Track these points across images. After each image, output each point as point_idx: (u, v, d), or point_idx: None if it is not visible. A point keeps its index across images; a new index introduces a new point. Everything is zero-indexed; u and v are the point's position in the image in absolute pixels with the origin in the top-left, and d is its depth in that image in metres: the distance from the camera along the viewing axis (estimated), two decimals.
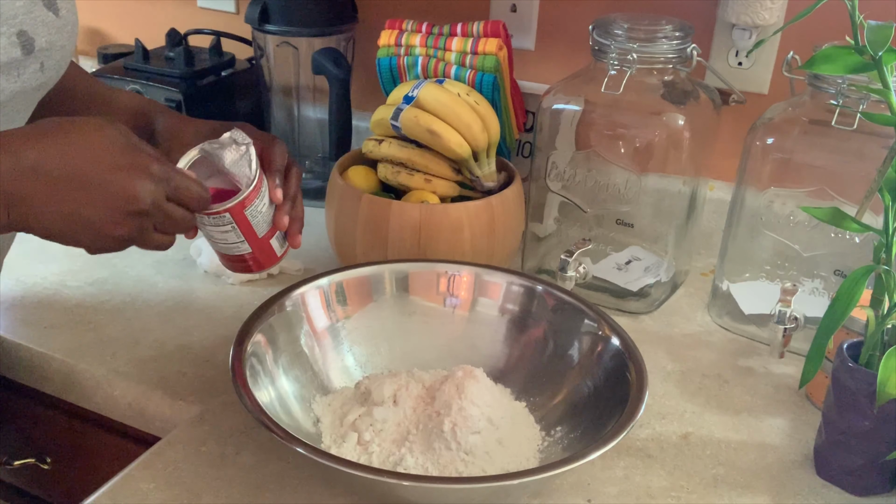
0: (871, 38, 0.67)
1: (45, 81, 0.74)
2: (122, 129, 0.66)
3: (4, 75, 0.68)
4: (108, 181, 0.63)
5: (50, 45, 0.72)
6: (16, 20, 0.68)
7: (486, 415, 0.73)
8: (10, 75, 0.69)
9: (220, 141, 0.72)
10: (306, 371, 0.80)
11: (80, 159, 0.62)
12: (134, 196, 0.63)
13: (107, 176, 0.63)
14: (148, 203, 0.64)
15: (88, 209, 0.63)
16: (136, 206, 0.64)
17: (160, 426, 0.84)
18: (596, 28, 0.97)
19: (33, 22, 0.70)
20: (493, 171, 1.02)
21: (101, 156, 0.63)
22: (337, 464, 0.63)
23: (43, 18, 0.71)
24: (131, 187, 0.63)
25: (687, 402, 0.87)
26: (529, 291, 0.86)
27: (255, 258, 0.77)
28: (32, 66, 0.71)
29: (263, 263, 0.78)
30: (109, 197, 0.63)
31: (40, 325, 0.94)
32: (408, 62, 1.08)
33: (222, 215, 0.72)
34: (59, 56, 0.75)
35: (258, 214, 0.74)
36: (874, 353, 0.73)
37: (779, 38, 1.09)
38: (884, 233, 0.71)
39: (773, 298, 0.87)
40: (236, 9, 1.41)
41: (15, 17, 0.68)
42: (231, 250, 0.75)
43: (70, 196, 0.62)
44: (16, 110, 0.74)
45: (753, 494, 0.75)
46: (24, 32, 0.69)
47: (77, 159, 0.62)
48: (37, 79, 0.73)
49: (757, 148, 0.92)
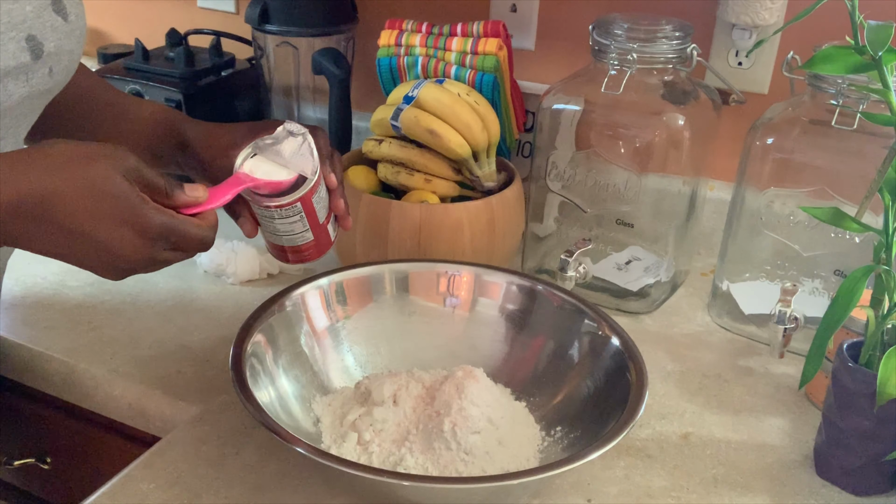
0: (871, 38, 0.67)
1: (52, 86, 0.74)
2: (128, 166, 0.63)
3: (13, 80, 0.68)
4: (105, 241, 0.62)
5: (59, 49, 0.72)
6: (25, 25, 0.68)
7: (486, 415, 0.73)
8: (19, 80, 0.69)
9: (274, 136, 0.72)
10: (306, 371, 0.80)
11: (80, 211, 0.61)
12: (126, 258, 0.64)
13: (104, 236, 0.62)
14: (141, 263, 0.65)
15: (85, 260, 0.64)
16: (131, 265, 0.65)
17: (160, 426, 0.84)
18: (596, 28, 0.97)
19: (42, 27, 0.70)
20: (493, 171, 1.02)
21: (100, 211, 0.62)
22: (337, 464, 0.63)
23: (52, 23, 0.71)
24: (125, 248, 0.63)
25: (687, 402, 0.87)
26: (529, 291, 0.86)
27: (317, 244, 0.77)
28: (41, 71, 0.71)
29: (322, 249, 0.79)
30: (106, 254, 0.63)
31: (40, 325, 0.94)
32: (408, 62, 1.08)
33: (294, 205, 0.72)
34: (67, 61, 0.74)
35: (321, 200, 0.75)
36: (874, 353, 0.73)
37: (779, 38, 1.09)
38: (884, 233, 0.71)
39: (773, 298, 0.87)
40: (236, 9, 1.41)
41: (24, 21, 0.68)
42: (295, 240, 0.76)
43: (67, 244, 0.63)
44: (23, 114, 0.74)
45: (753, 494, 0.75)
46: (33, 37, 0.69)
47: (76, 211, 0.61)
48: (45, 84, 0.72)
49: (757, 148, 0.92)
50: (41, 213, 0.60)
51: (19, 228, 0.61)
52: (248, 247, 1.04)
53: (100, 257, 0.64)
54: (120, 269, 0.65)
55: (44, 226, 0.61)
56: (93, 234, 0.62)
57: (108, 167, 0.62)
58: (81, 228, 0.61)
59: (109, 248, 0.63)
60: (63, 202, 0.61)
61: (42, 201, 0.60)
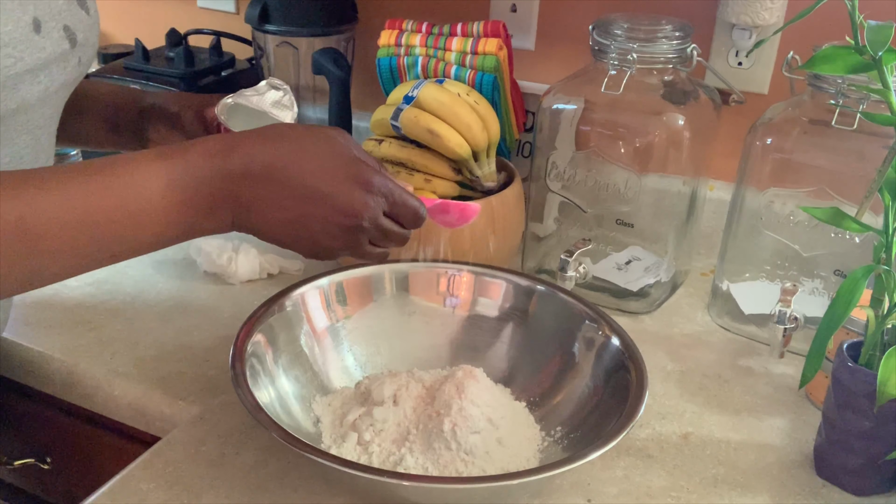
0: (871, 38, 0.67)
1: (79, 76, 0.77)
2: (348, 138, 0.69)
3: (56, 66, 0.71)
4: (334, 195, 0.66)
5: (85, 41, 0.75)
6: (61, 16, 0.72)
7: (486, 415, 0.73)
8: (60, 66, 0.72)
9: (256, 88, 0.75)
10: (306, 371, 0.80)
11: (311, 170, 0.66)
12: (355, 212, 0.67)
13: (333, 189, 0.66)
14: (367, 219, 0.67)
15: (311, 221, 0.66)
16: (356, 221, 0.67)
17: (160, 426, 0.84)
18: (596, 28, 0.97)
19: (73, 18, 0.73)
20: (493, 171, 1.02)
21: (329, 168, 0.66)
22: (337, 464, 0.63)
23: (78, 15, 0.74)
24: (355, 202, 0.67)
25: (687, 402, 0.87)
26: (529, 291, 0.86)
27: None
28: (74, 60, 0.74)
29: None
30: (333, 211, 0.66)
31: (40, 325, 0.94)
32: (408, 62, 1.08)
33: None
34: (91, 52, 0.78)
35: None
36: (874, 353, 0.73)
37: (779, 38, 1.09)
38: (884, 233, 0.71)
39: (773, 298, 0.87)
40: (236, 9, 1.41)
41: (60, 13, 0.71)
42: None
43: (295, 206, 0.65)
44: (60, 101, 0.77)
45: (753, 494, 0.75)
46: (68, 27, 0.72)
47: (307, 170, 0.65)
48: (75, 72, 0.75)
49: (757, 148, 0.92)
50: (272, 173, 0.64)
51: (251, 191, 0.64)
52: (248, 247, 1.04)
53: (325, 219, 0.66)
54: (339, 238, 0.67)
55: (274, 186, 0.64)
56: (321, 188, 0.65)
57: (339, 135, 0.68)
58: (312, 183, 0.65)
59: (336, 203, 0.66)
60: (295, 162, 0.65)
61: (273, 162, 0.64)
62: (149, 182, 0.62)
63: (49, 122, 0.76)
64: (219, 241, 1.04)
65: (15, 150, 0.72)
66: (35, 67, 0.68)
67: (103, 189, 0.60)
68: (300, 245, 0.68)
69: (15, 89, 0.67)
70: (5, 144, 0.70)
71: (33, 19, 0.67)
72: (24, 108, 0.69)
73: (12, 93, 0.67)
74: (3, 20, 0.64)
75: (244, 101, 0.75)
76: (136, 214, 0.62)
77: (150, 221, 0.62)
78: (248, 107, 0.75)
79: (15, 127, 0.70)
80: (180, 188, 0.63)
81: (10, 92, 0.66)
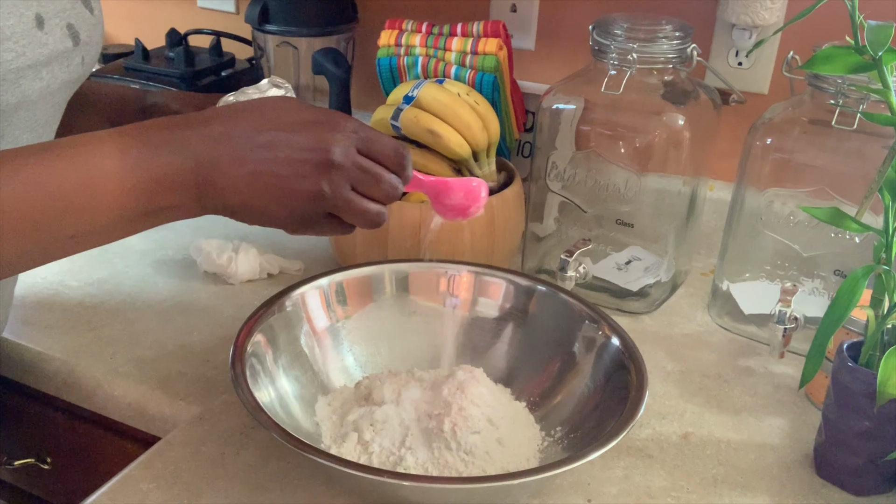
0: (871, 38, 0.67)
1: (81, 75, 0.77)
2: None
3: (58, 64, 0.71)
4: (294, 135, 0.62)
5: (89, 40, 0.76)
6: (65, 14, 0.72)
7: (486, 415, 0.73)
8: (62, 65, 0.72)
9: (258, 86, 0.74)
10: (306, 371, 0.80)
11: (269, 119, 0.63)
12: (321, 146, 0.62)
13: (293, 130, 0.63)
14: (336, 152, 0.62)
15: (277, 165, 0.62)
16: (325, 155, 0.62)
17: (160, 426, 0.84)
18: (596, 28, 0.97)
19: (77, 17, 0.74)
20: (493, 171, 1.02)
21: (287, 116, 0.64)
22: (337, 464, 0.63)
23: (82, 15, 0.75)
24: (319, 137, 0.63)
25: (687, 402, 0.87)
26: (529, 291, 0.86)
27: None
28: (77, 59, 0.74)
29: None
30: (297, 149, 0.62)
31: (40, 325, 0.94)
32: (408, 62, 1.08)
33: None
34: (94, 52, 0.78)
35: None
36: (874, 353, 0.73)
37: (779, 38, 1.09)
38: (884, 233, 0.71)
39: (773, 298, 0.87)
40: (236, 9, 1.41)
41: (64, 10, 0.72)
42: None
43: (257, 156, 0.62)
44: (63, 100, 0.77)
45: (753, 494, 0.75)
46: (71, 25, 0.72)
47: (266, 119, 0.63)
48: (78, 71, 0.75)
49: (757, 148, 0.92)
50: (230, 130, 0.62)
51: (210, 152, 0.61)
52: (248, 247, 1.04)
53: (290, 159, 0.62)
54: (311, 176, 0.62)
55: (233, 142, 0.62)
56: (281, 131, 0.62)
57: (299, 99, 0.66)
58: (270, 129, 0.62)
59: (298, 141, 0.62)
60: (252, 118, 0.63)
61: (231, 121, 0.63)
62: (104, 153, 0.60)
63: (51, 120, 0.76)
64: (219, 241, 1.04)
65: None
66: (37, 63, 0.68)
67: (55, 160, 0.59)
68: (272, 201, 0.63)
69: (16, 84, 0.67)
70: (9, 143, 0.70)
71: (36, 15, 0.68)
72: (25, 103, 0.69)
73: (13, 87, 0.67)
74: (6, 14, 0.65)
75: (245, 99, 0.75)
76: (90, 183, 0.59)
77: (106, 190, 0.59)
78: None
79: (18, 124, 0.70)
80: (134, 156, 0.60)
81: (12, 86, 0.67)
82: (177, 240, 1.11)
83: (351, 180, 0.64)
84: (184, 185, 0.62)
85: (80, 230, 0.60)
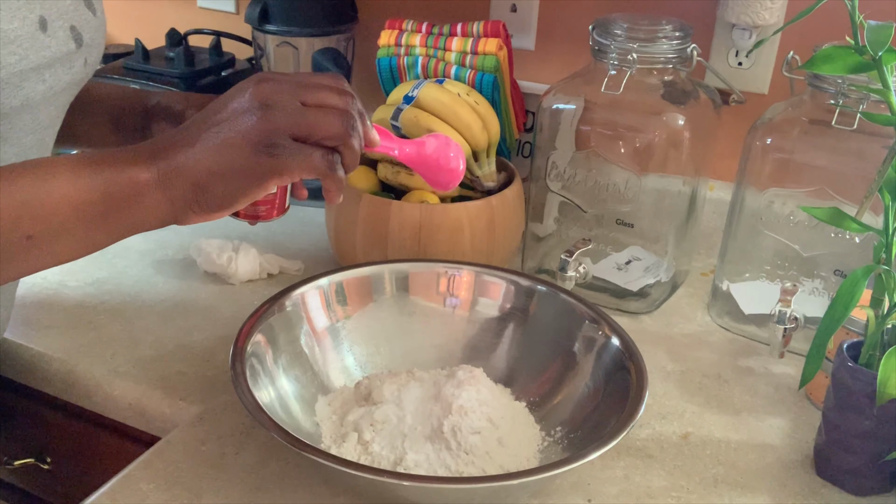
0: (871, 38, 0.67)
1: (85, 76, 0.77)
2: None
3: (61, 66, 0.71)
4: (234, 101, 0.63)
5: (92, 41, 0.76)
6: (68, 16, 0.72)
7: (486, 415, 0.73)
8: (65, 67, 0.72)
9: None
10: (306, 371, 0.80)
11: (213, 110, 0.64)
12: (254, 97, 0.62)
13: (233, 100, 0.63)
14: (268, 95, 0.62)
15: (223, 128, 0.62)
16: (259, 101, 0.62)
17: (160, 426, 0.84)
18: (596, 28, 0.97)
19: (80, 18, 0.74)
20: (493, 171, 1.02)
21: (230, 93, 0.64)
22: (337, 464, 0.63)
23: (85, 16, 0.75)
24: (253, 91, 0.63)
25: (687, 402, 0.87)
26: (529, 291, 0.86)
27: (276, 203, 0.77)
28: (80, 61, 0.74)
29: (279, 210, 0.78)
30: (237, 110, 0.62)
31: (40, 325, 0.94)
32: (408, 62, 1.08)
33: None
34: (97, 53, 0.78)
35: None
36: (874, 353, 0.73)
37: (779, 38, 1.09)
38: (884, 233, 0.71)
39: (773, 298, 0.87)
40: (236, 9, 1.41)
41: (67, 12, 0.72)
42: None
43: (207, 128, 0.62)
44: (66, 102, 0.77)
45: (753, 494, 0.75)
46: (74, 27, 0.72)
47: (210, 112, 0.64)
48: (81, 73, 0.76)
49: (757, 148, 0.92)
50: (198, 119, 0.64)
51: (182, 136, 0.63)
52: (248, 247, 1.04)
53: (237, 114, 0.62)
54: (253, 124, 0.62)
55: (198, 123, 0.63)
56: (230, 100, 0.63)
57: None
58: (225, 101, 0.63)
59: (245, 102, 0.62)
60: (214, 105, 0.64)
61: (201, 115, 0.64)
62: (60, 162, 0.61)
63: (54, 121, 0.76)
64: (219, 241, 1.04)
65: (21, 150, 0.72)
66: (40, 66, 0.68)
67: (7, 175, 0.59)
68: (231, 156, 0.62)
69: (19, 87, 0.67)
70: (12, 144, 0.70)
71: (39, 17, 0.67)
72: (28, 106, 0.69)
73: (17, 90, 0.67)
74: (9, 17, 0.65)
75: None
76: (45, 178, 0.59)
77: (59, 185, 0.59)
78: None
79: (21, 126, 0.70)
80: (87, 160, 0.62)
81: (15, 89, 0.67)
82: (177, 240, 1.11)
83: (292, 122, 0.63)
84: (140, 171, 0.61)
85: (36, 230, 0.60)
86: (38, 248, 0.60)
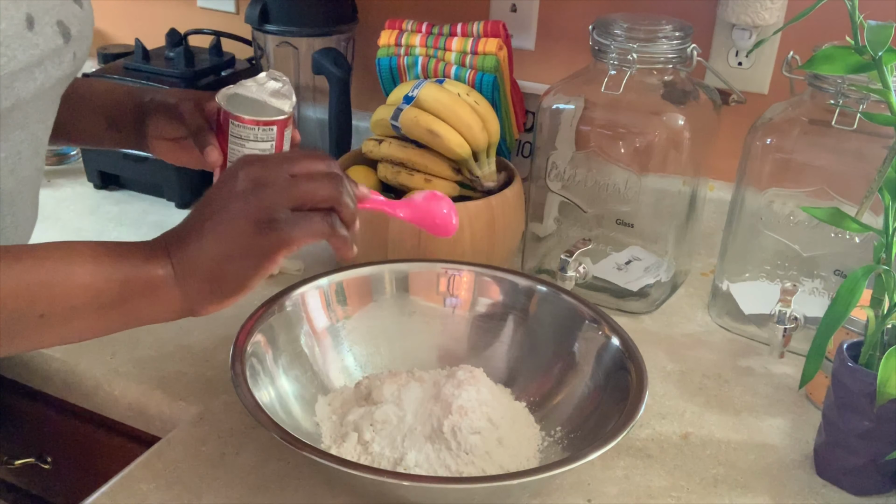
0: (871, 38, 0.67)
1: (74, 70, 0.77)
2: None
3: (50, 62, 0.71)
4: (225, 183, 0.65)
5: (80, 35, 0.76)
6: (55, 11, 0.71)
7: (486, 415, 0.73)
8: (54, 62, 0.72)
9: (256, 79, 0.77)
10: (306, 371, 0.80)
11: (209, 196, 0.65)
12: (250, 177, 0.63)
13: (224, 182, 0.65)
14: (261, 175, 0.64)
15: (227, 212, 0.63)
16: (254, 182, 0.63)
17: (160, 426, 0.84)
18: (596, 28, 0.97)
19: (67, 13, 0.73)
20: (493, 171, 1.02)
21: (221, 181, 0.66)
22: (337, 464, 0.63)
23: (72, 10, 0.75)
24: (249, 174, 0.64)
25: (687, 402, 0.87)
26: (529, 291, 0.86)
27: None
28: (69, 55, 0.74)
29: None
30: (237, 193, 0.63)
31: None
32: (408, 62, 1.08)
33: (271, 127, 0.76)
34: (85, 46, 0.78)
35: (288, 141, 0.79)
36: (874, 353, 0.73)
37: (779, 38, 1.09)
38: (884, 233, 0.71)
39: (773, 298, 0.87)
40: (236, 9, 1.41)
41: (53, 8, 0.71)
42: None
43: (208, 217, 0.64)
44: (56, 95, 0.77)
45: (753, 494, 0.75)
46: (61, 22, 0.72)
47: (213, 199, 0.65)
48: (70, 67, 0.75)
49: (757, 148, 0.92)
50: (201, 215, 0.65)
51: (189, 229, 0.64)
52: None
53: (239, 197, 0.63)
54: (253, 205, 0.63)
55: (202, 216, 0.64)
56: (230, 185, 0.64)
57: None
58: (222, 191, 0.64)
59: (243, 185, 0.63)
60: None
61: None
62: (79, 249, 0.63)
63: (45, 116, 0.76)
64: None
65: (12, 146, 0.72)
66: (30, 65, 0.68)
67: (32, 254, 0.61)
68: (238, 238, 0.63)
69: (10, 88, 0.67)
70: (3, 140, 0.70)
71: (26, 16, 0.67)
72: (19, 105, 0.69)
73: (8, 91, 0.67)
74: None
75: (244, 91, 0.76)
76: (67, 259, 0.61)
77: (81, 267, 0.61)
78: (248, 96, 0.76)
79: (11, 124, 0.70)
80: (105, 250, 0.63)
81: (6, 91, 0.66)
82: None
83: (287, 195, 0.64)
84: (156, 268, 0.63)
85: (50, 310, 0.61)
86: (49, 328, 0.62)
